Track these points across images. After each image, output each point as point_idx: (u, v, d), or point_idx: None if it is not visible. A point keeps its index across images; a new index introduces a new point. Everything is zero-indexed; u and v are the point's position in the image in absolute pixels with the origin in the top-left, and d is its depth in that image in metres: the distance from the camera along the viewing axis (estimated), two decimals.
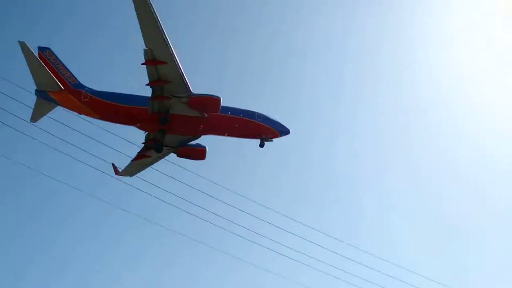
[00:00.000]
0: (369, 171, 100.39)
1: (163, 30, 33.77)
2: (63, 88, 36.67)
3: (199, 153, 41.85)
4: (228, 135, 41.67)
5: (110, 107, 37.28)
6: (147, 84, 36.84)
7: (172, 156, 42.76)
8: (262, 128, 41.07)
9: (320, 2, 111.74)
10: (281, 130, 42.89)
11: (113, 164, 42.74)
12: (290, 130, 43.29)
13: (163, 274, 77.90)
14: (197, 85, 39.07)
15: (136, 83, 44.99)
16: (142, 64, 35.52)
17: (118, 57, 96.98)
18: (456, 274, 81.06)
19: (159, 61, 35.30)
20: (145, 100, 38.14)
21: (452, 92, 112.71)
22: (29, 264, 76.38)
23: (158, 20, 33.06)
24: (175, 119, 38.62)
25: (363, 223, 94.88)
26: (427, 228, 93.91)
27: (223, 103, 38.37)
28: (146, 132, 40.31)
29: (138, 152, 41.88)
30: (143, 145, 41.21)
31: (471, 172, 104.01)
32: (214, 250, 48.51)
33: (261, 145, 42.07)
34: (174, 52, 34.92)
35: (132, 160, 42.40)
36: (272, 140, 42.56)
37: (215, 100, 37.54)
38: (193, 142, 42.62)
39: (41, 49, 37.96)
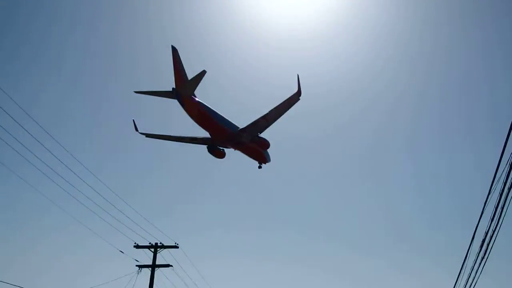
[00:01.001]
0: None
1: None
2: (192, 97, 44.43)
3: (222, 155, 51.79)
4: (246, 154, 52.10)
5: (214, 124, 46.48)
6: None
7: None
8: (263, 157, 52.30)
9: None
10: (268, 159, 53.47)
11: (133, 121, 51.00)
12: (270, 160, 54.24)
13: None
14: None
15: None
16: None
17: None
18: None
19: (266, 119, 46.26)
20: (232, 125, 48.06)
21: None
22: None
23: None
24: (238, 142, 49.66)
25: None
26: None
27: None
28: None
29: (182, 137, 51.05)
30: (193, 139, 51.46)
31: None
32: None
33: (259, 167, 53.33)
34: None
35: (172, 137, 51.31)
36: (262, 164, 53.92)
37: (268, 144, 50.46)
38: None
39: (173, 49, 43.64)
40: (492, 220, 13.28)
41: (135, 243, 35.43)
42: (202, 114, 45.24)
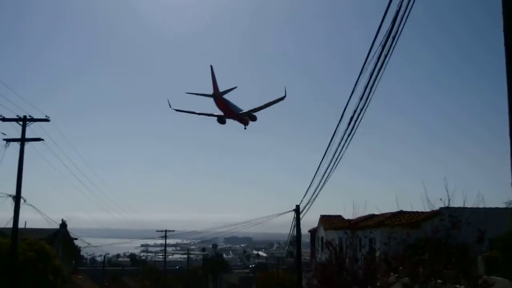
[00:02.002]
0: None
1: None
2: (221, 95, 61.48)
3: (224, 123, 67.25)
4: (238, 122, 67.14)
5: (230, 111, 63.93)
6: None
7: None
8: (248, 121, 67.12)
9: None
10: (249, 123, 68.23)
11: (168, 100, 65.17)
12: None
13: None
14: None
15: None
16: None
17: None
18: None
19: (260, 108, 65.00)
20: (238, 109, 64.99)
21: None
22: None
23: None
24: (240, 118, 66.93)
25: None
26: None
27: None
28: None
29: (203, 113, 67.01)
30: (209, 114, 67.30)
31: None
32: None
33: (245, 128, 68.03)
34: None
35: (196, 112, 66.94)
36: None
37: (256, 119, 66.99)
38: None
39: (211, 67, 60.63)
40: (361, 99, 13.94)
41: (0, 115, 33.26)
42: (225, 106, 63.28)
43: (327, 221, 51.91)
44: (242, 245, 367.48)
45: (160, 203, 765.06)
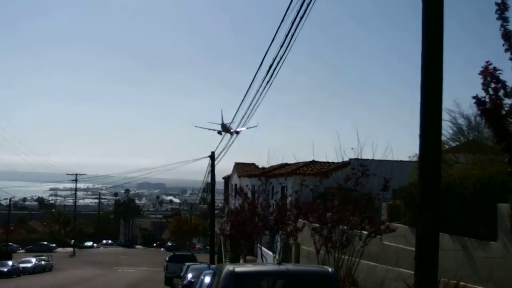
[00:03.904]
0: None
1: None
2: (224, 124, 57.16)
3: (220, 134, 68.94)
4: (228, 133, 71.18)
5: (226, 129, 58.80)
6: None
7: None
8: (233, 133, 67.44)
9: None
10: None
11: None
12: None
13: None
14: None
15: None
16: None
17: None
18: None
19: None
20: (230, 127, 62.25)
21: None
22: None
23: None
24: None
25: None
26: None
27: None
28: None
29: (211, 128, 66.41)
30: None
31: None
32: None
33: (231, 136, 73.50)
34: None
35: (208, 128, 66.13)
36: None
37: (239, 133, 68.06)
38: None
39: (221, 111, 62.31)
40: (282, 46, 13.94)
41: None
42: (226, 128, 59.06)
43: (241, 168, 52.62)
44: (155, 191, 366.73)
45: (72, 147, 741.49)
